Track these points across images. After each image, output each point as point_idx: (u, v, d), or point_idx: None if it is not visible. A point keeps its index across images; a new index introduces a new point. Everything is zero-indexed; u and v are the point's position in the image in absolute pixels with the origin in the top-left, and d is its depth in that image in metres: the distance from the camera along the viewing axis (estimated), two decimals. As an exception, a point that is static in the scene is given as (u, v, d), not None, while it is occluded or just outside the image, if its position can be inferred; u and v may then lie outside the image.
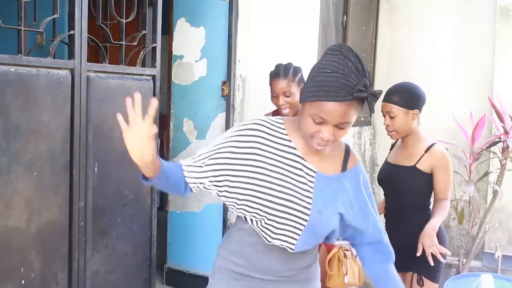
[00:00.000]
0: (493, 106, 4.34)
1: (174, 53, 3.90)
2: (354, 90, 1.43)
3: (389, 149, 2.98)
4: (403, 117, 2.65)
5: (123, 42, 2.74)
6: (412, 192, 2.72)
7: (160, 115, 3.01)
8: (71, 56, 2.45)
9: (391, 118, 2.67)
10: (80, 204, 2.52)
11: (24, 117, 2.21)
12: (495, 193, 4.33)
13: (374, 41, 5.62)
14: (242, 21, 3.49)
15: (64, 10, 2.44)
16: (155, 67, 2.93)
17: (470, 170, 4.31)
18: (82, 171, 2.52)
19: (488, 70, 5.01)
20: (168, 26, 3.87)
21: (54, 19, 2.44)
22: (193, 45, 3.78)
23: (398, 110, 2.64)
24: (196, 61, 3.78)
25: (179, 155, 3.82)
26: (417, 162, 2.67)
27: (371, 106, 1.50)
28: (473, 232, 4.43)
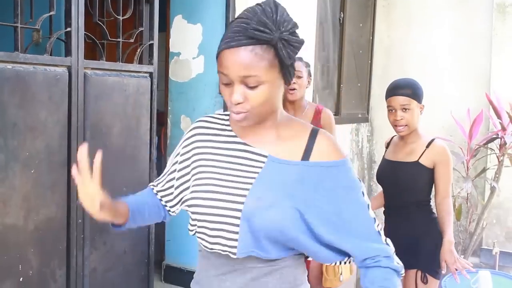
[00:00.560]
0: (491, 102, 4.34)
1: (171, 50, 3.89)
2: (249, 31, 1.16)
3: (385, 147, 2.97)
4: (416, 110, 2.66)
5: (120, 39, 2.73)
6: (414, 188, 2.72)
7: (158, 112, 3.01)
8: (68, 53, 2.44)
9: (404, 111, 2.66)
10: (78, 201, 2.51)
11: (21, 114, 2.20)
12: (492, 189, 4.34)
13: (371, 38, 5.62)
14: (239, 18, 3.48)
15: (61, 7, 2.43)
16: (152, 64, 2.92)
17: (467, 166, 4.32)
18: (79, 168, 2.51)
19: (485, 67, 5.02)
20: (165, 23, 3.87)
21: (50, 16, 2.43)
22: (190, 42, 3.77)
23: (412, 103, 2.65)
24: (194, 58, 3.77)
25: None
26: (419, 158, 2.67)
27: (283, 55, 1.20)
28: (470, 229, 4.44)
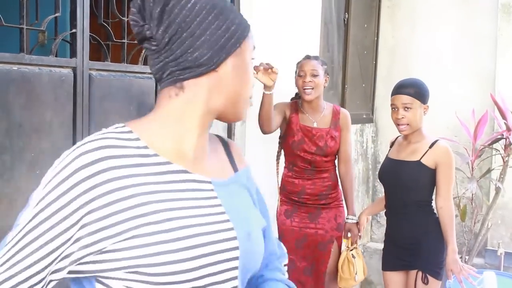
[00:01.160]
0: (495, 103, 4.33)
1: (176, 51, 3.89)
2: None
3: (389, 147, 2.98)
4: (418, 110, 2.67)
5: (125, 40, 2.74)
6: (415, 188, 2.73)
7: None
8: (73, 54, 2.45)
9: (406, 110, 2.67)
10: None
11: (27, 115, 2.21)
12: (497, 190, 4.33)
13: (375, 38, 5.61)
14: (243, 19, 3.49)
15: (66, 9, 2.44)
16: (157, 65, 2.92)
17: (472, 167, 4.31)
18: (84, 169, 2.52)
19: (490, 67, 5.01)
20: (169, 24, 3.87)
21: (56, 17, 2.44)
22: (195, 43, 3.77)
23: (414, 103, 2.66)
24: (198, 59, 3.78)
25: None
26: (421, 157, 2.67)
27: None
28: (475, 229, 4.43)
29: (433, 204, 2.77)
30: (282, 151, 3.33)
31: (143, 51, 2.88)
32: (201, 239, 0.94)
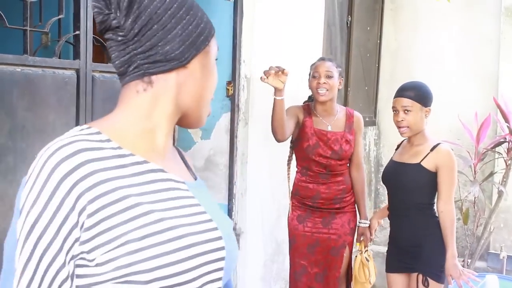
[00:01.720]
0: (498, 106, 4.33)
1: (179, 53, 3.90)
2: None
3: (395, 149, 2.98)
4: (418, 113, 2.67)
5: (128, 42, 2.75)
6: (416, 190, 2.72)
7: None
8: (76, 56, 2.45)
9: (406, 113, 2.67)
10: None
11: (30, 117, 2.22)
12: (500, 193, 4.32)
13: (378, 41, 5.61)
14: (246, 21, 3.49)
15: (70, 10, 2.45)
16: (160, 67, 2.93)
17: (475, 170, 4.30)
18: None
19: (493, 70, 5.00)
20: (172, 26, 3.88)
21: (59, 19, 2.45)
22: (197, 45, 3.77)
23: (414, 106, 2.66)
24: (201, 61, 3.78)
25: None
26: (422, 160, 2.67)
27: None
28: (478, 233, 4.42)
29: (435, 207, 2.77)
30: (293, 155, 3.25)
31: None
32: (191, 239, 0.91)
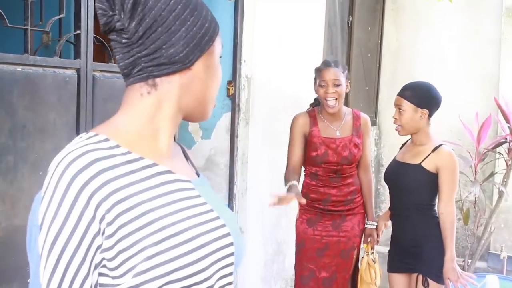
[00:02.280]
0: (499, 106, 4.33)
1: (179, 53, 3.89)
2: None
3: (400, 148, 2.99)
4: (411, 113, 2.66)
5: (129, 42, 2.75)
6: (416, 191, 2.72)
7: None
8: (77, 55, 2.45)
9: (400, 112, 2.68)
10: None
11: (31, 116, 2.22)
12: (500, 194, 4.32)
13: (379, 41, 5.61)
14: (247, 21, 3.49)
15: (70, 10, 2.45)
16: (160, 66, 2.93)
17: (475, 170, 4.30)
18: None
19: (494, 71, 5.00)
20: (173, 26, 3.87)
21: (60, 18, 2.45)
22: (198, 45, 3.77)
23: (407, 106, 2.66)
24: (202, 61, 3.77)
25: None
26: (422, 161, 2.67)
27: None
28: (478, 233, 4.42)
29: (436, 208, 2.76)
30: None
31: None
32: (203, 239, 0.93)
